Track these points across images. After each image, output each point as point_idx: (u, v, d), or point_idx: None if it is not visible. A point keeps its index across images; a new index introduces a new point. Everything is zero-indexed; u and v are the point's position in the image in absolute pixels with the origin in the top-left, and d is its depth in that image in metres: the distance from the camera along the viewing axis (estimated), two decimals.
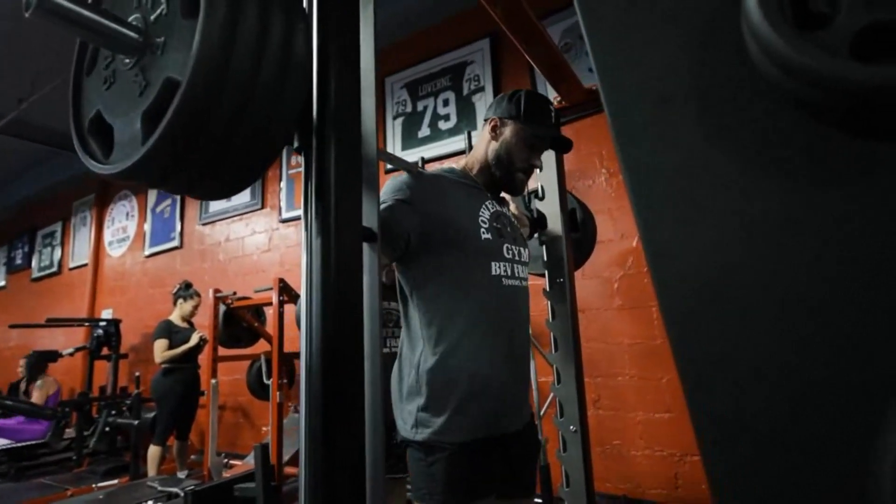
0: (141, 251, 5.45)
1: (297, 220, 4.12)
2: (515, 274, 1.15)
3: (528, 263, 1.23)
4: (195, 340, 3.49)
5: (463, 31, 3.37)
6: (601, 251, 2.54)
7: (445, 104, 3.40)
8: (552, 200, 1.62)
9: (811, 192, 0.39)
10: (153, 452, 3.41)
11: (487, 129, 1.21)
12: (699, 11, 0.45)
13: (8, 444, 4.24)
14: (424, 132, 3.47)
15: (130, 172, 0.60)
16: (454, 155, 3.24)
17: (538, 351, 2.38)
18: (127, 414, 4.12)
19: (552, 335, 1.55)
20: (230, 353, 3.47)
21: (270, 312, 3.17)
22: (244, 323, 3.42)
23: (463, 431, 1.00)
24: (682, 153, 0.46)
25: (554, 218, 1.61)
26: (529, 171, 1.22)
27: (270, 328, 3.10)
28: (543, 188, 1.63)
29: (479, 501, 1.00)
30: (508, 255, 1.15)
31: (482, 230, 1.11)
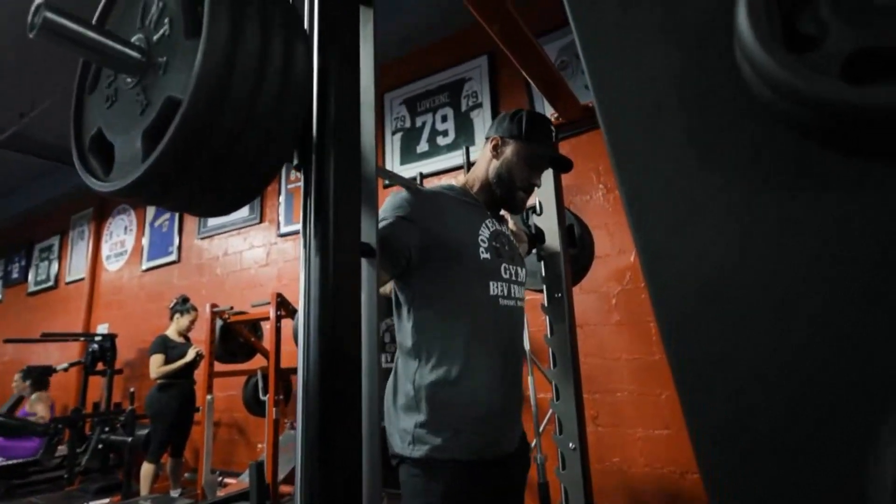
0: (138, 265, 5.44)
1: (295, 234, 4.13)
2: (512, 294, 1.15)
3: (524, 283, 1.24)
4: (191, 356, 3.46)
5: (461, 48, 3.42)
6: (599, 266, 2.54)
7: (444, 120, 3.43)
8: (550, 216, 1.63)
9: (802, 206, 0.40)
10: (146, 470, 3.36)
11: (489, 147, 1.23)
12: (693, 31, 0.46)
13: None
14: (423, 147, 3.50)
15: (130, 190, 0.60)
16: (452, 170, 3.27)
17: (537, 367, 2.38)
18: (121, 431, 4.07)
19: (550, 351, 1.54)
20: (226, 368, 3.44)
21: (267, 327, 3.15)
22: (241, 338, 3.40)
23: (462, 451, 0.99)
24: (675, 168, 0.47)
25: (552, 233, 1.61)
26: (530, 189, 1.23)
27: (267, 343, 3.09)
28: (541, 204, 1.64)
29: None
30: (506, 274, 1.15)
31: (481, 249, 1.11)
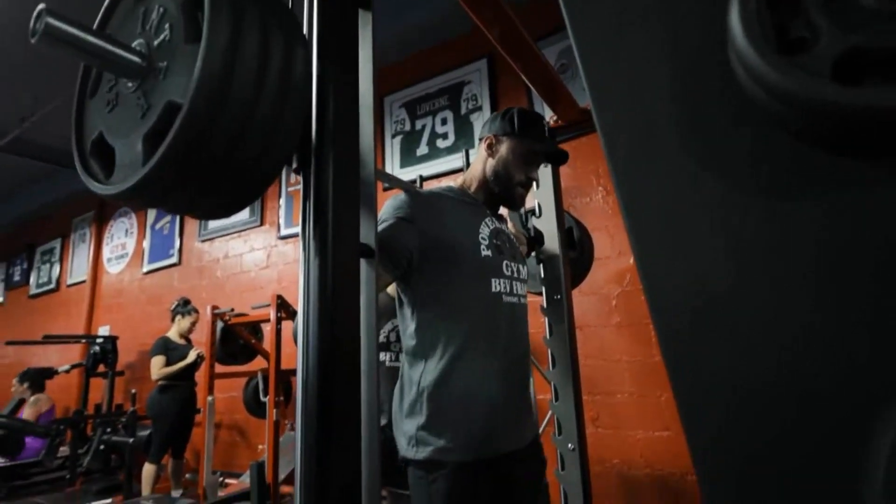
0: (139, 268, 5.45)
1: (295, 236, 4.13)
2: (514, 291, 1.16)
3: (526, 281, 1.24)
4: (192, 357, 3.47)
5: (461, 51, 3.43)
6: (599, 268, 2.54)
7: (443, 123, 3.44)
8: (549, 218, 1.63)
9: (797, 209, 0.40)
10: (148, 471, 3.36)
11: (483, 146, 1.23)
12: (689, 36, 0.47)
13: (0, 462, 4.18)
14: (423, 150, 3.50)
15: (131, 193, 0.61)
16: (452, 173, 3.27)
17: (536, 368, 2.38)
18: (122, 432, 4.07)
19: (550, 352, 1.54)
20: (227, 370, 3.45)
21: (268, 329, 3.16)
22: (241, 340, 3.41)
23: (463, 450, 1.00)
24: (671, 172, 0.47)
25: (551, 236, 1.62)
26: (528, 184, 1.24)
27: (267, 345, 3.09)
28: (540, 206, 1.65)
29: None
30: (508, 271, 1.15)
31: (482, 247, 1.12)
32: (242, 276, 4.46)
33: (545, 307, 1.58)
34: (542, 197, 1.65)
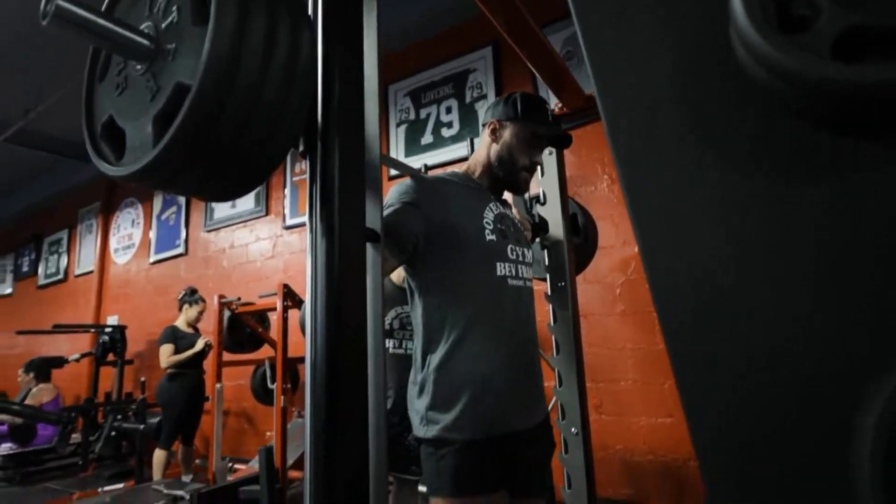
0: (146, 258, 5.50)
1: (301, 226, 4.15)
2: (520, 274, 1.17)
3: (531, 264, 1.25)
4: (200, 346, 3.51)
5: (466, 39, 3.41)
6: (603, 257, 2.55)
7: (448, 111, 3.43)
8: (553, 205, 1.63)
9: (799, 189, 0.41)
10: (158, 457, 3.42)
11: (487, 132, 1.24)
12: (690, 18, 0.47)
13: (13, 449, 4.26)
14: (427, 139, 3.50)
15: (142, 174, 0.62)
16: (457, 161, 3.27)
17: (540, 355, 2.39)
18: (132, 419, 4.14)
19: (554, 338, 1.56)
20: (235, 358, 3.49)
21: (274, 318, 3.19)
22: (248, 328, 3.44)
23: (470, 429, 1.02)
24: (673, 155, 0.48)
25: (555, 223, 1.62)
26: (532, 169, 1.24)
27: (274, 333, 3.12)
28: (545, 193, 1.65)
29: (486, 495, 1.01)
30: (513, 255, 1.16)
31: (487, 231, 1.13)
32: (248, 265, 4.50)
33: (549, 294, 1.59)
34: (546, 184, 1.65)
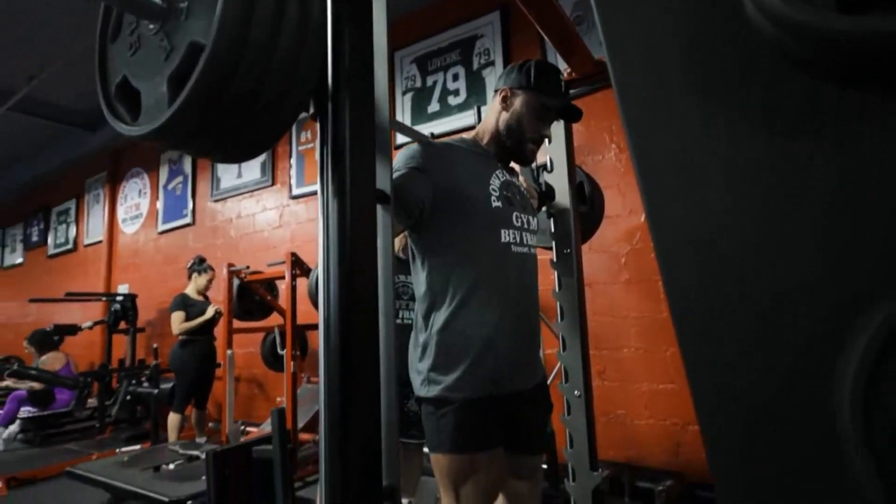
0: (154, 228, 5.54)
1: (307, 196, 4.16)
2: (524, 241, 1.18)
3: (536, 232, 1.26)
4: (211, 313, 3.58)
5: (473, 3, 3.33)
6: (609, 226, 2.55)
7: (455, 79, 3.38)
8: (560, 173, 1.63)
9: (808, 145, 0.42)
10: (173, 420, 3.54)
11: (498, 99, 1.23)
12: None
13: (33, 412, 4.41)
14: (434, 107, 3.46)
15: (157, 134, 0.63)
16: (464, 130, 3.24)
17: (544, 323, 2.43)
18: (146, 384, 4.27)
19: (558, 305, 1.58)
20: (245, 325, 3.56)
21: (283, 287, 3.23)
22: (257, 297, 3.50)
23: (471, 388, 1.05)
24: (682, 113, 0.48)
25: (562, 191, 1.62)
26: (539, 140, 1.24)
27: (283, 302, 3.17)
28: (552, 161, 1.65)
29: (486, 451, 1.05)
30: (517, 223, 1.18)
31: (493, 198, 1.14)
32: (256, 235, 4.53)
33: (555, 261, 1.61)
34: (554, 152, 1.65)
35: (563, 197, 1.62)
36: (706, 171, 0.46)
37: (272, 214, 4.43)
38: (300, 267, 2.92)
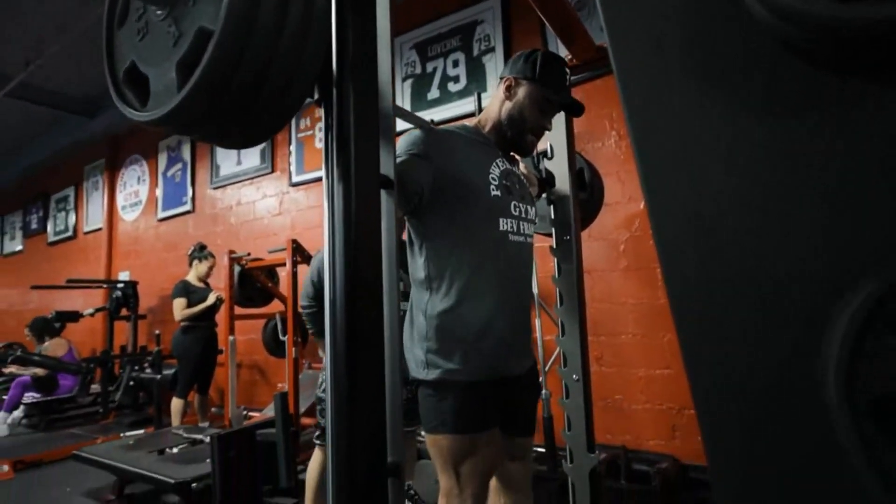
0: (154, 215, 5.54)
1: (307, 183, 4.16)
2: (521, 231, 1.20)
3: (534, 221, 1.28)
4: (212, 300, 3.60)
5: None
6: (608, 213, 2.57)
7: (455, 65, 3.36)
8: (561, 160, 1.64)
9: (805, 130, 0.43)
10: (176, 405, 3.58)
11: (502, 87, 1.23)
12: None
13: (37, 398, 4.46)
14: (434, 94, 3.45)
15: (166, 119, 0.64)
16: (463, 117, 3.23)
17: (543, 310, 2.46)
18: (149, 370, 4.31)
19: (558, 291, 1.60)
20: (246, 312, 3.59)
21: (283, 274, 3.25)
22: (258, 283, 3.52)
23: (470, 372, 1.07)
24: (682, 97, 0.49)
25: (562, 177, 1.63)
26: (540, 132, 1.25)
27: (284, 288, 3.19)
28: (553, 148, 1.65)
29: (485, 432, 1.08)
30: (516, 212, 1.19)
31: (492, 187, 1.15)
32: (256, 222, 4.54)
33: (554, 247, 1.62)
34: (554, 139, 1.65)
35: (563, 184, 1.63)
36: (706, 158, 0.47)
37: (272, 202, 4.43)
38: (301, 254, 2.94)
